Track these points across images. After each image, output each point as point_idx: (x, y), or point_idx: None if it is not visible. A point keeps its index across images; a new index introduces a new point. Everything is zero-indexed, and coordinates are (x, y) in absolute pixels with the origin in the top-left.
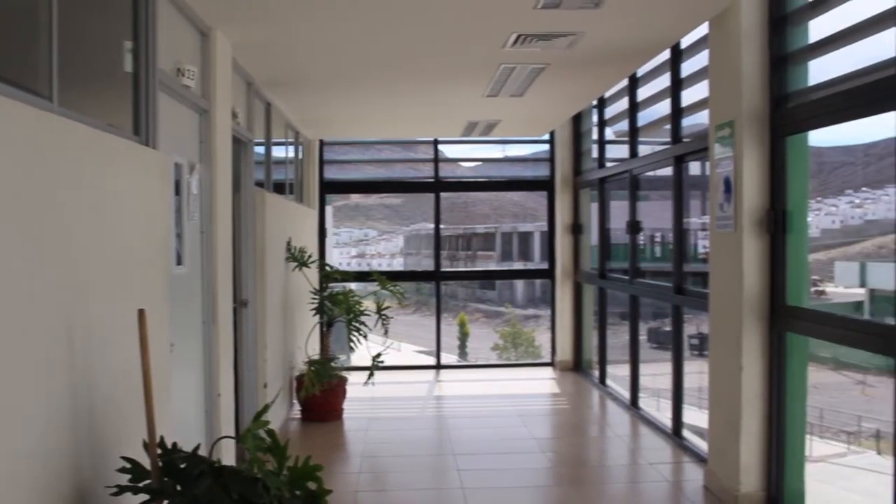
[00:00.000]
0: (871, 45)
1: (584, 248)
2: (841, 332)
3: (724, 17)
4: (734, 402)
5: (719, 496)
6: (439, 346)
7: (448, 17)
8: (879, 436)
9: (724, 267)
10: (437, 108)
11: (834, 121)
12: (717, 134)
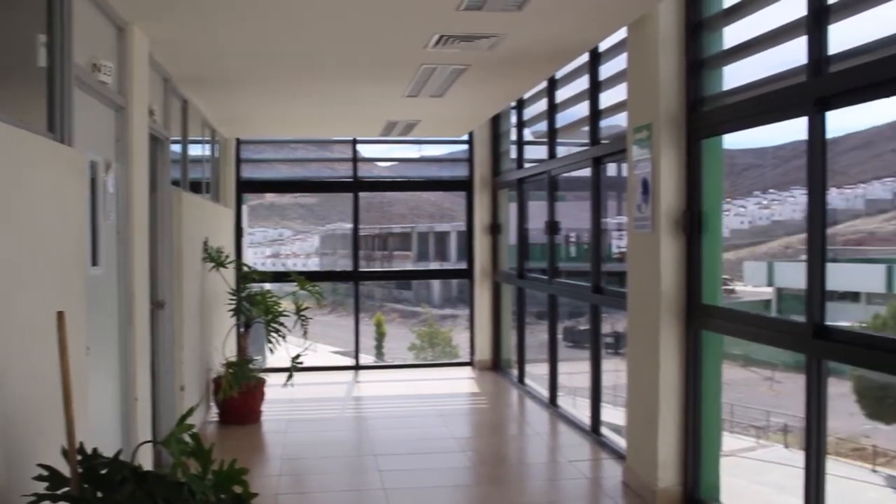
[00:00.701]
0: (783, 52)
1: (503, 248)
2: (754, 329)
3: (642, 22)
4: (652, 399)
5: (638, 492)
6: (358, 347)
7: (370, 18)
8: (787, 430)
9: (641, 266)
10: (356, 108)
11: (747, 125)
12: (634, 136)
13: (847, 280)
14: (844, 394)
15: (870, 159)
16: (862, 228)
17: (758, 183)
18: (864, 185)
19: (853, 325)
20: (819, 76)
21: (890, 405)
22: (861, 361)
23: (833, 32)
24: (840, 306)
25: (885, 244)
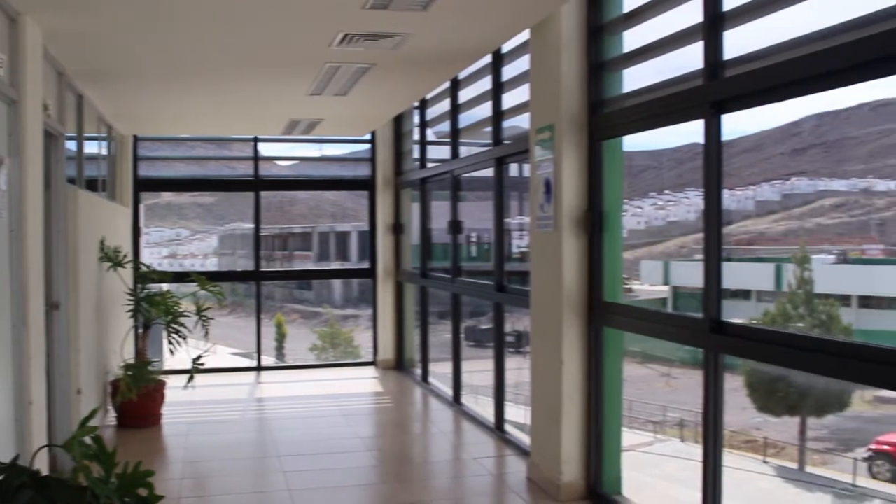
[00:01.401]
0: (681, 56)
1: (406, 247)
2: (654, 325)
3: (544, 25)
4: (555, 395)
5: (542, 486)
6: (260, 348)
7: (273, 15)
8: (683, 424)
9: (544, 265)
10: (258, 106)
11: (646, 127)
12: (537, 137)
13: (739, 278)
14: (737, 388)
15: (759, 162)
16: (752, 229)
17: (654, 184)
18: (754, 187)
19: (746, 321)
20: (715, 80)
21: (779, 399)
22: (754, 354)
23: (728, 38)
24: (733, 304)
25: (774, 244)
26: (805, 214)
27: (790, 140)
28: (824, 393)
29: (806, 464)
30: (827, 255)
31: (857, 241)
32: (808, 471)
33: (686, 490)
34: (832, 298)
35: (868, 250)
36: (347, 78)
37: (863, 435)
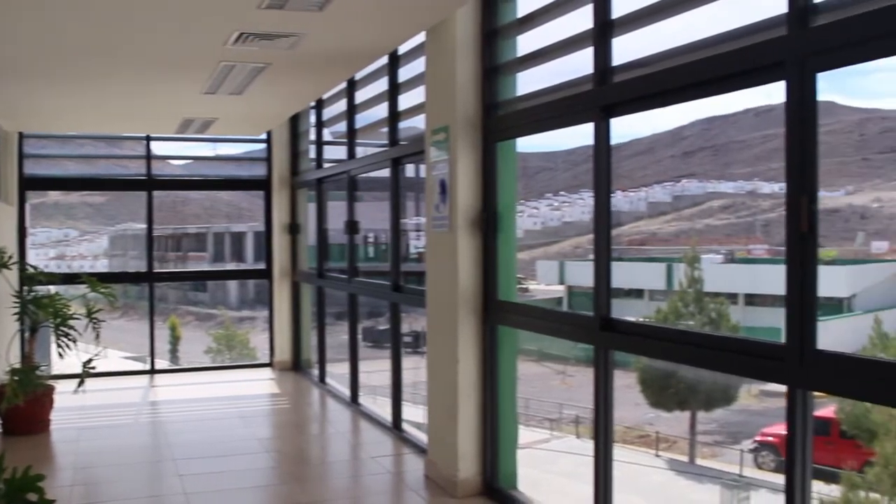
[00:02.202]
0: (573, 60)
1: (302, 247)
2: (547, 323)
3: (440, 28)
4: (451, 393)
5: (439, 483)
6: (153, 350)
7: (166, 11)
8: (578, 421)
9: (439, 265)
10: (150, 104)
11: (539, 129)
12: (432, 138)
13: (632, 278)
14: (630, 385)
15: (651, 164)
16: (645, 229)
17: (550, 186)
18: (646, 189)
19: (638, 319)
20: (604, 85)
21: (671, 394)
22: (641, 350)
23: (617, 45)
24: (627, 302)
25: (665, 244)
26: (695, 215)
27: (681, 143)
28: (712, 388)
29: (696, 457)
30: (715, 254)
31: (744, 242)
32: (698, 463)
33: (581, 485)
34: (721, 297)
35: (754, 250)
36: (243, 77)
37: (749, 427)
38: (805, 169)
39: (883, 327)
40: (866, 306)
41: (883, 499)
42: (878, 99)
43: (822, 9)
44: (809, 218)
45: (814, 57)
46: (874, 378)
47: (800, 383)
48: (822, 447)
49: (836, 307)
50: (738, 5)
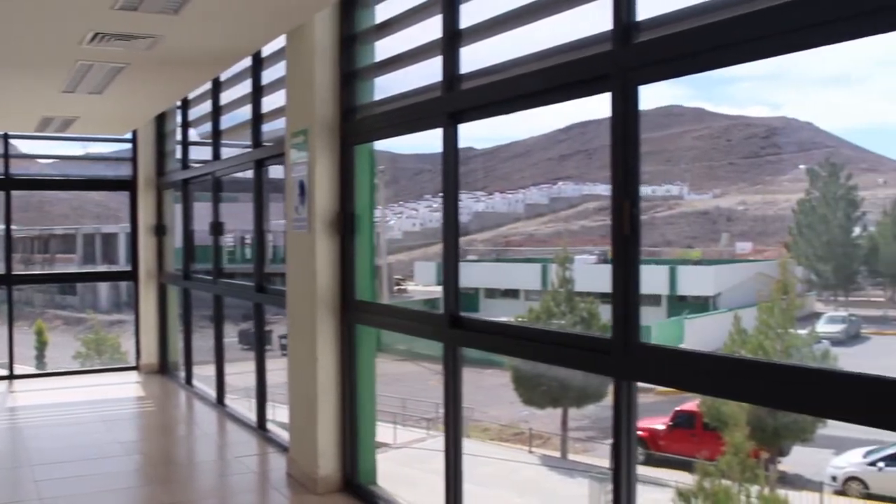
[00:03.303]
0: (428, 67)
1: (169, 249)
2: (401, 322)
3: (299, 32)
4: (311, 391)
5: (300, 481)
6: (12, 356)
7: (18, 11)
8: None
9: (299, 265)
10: (6, 101)
11: (394, 133)
12: (292, 140)
13: (509, 278)
14: (505, 384)
15: (529, 167)
16: (522, 231)
17: (428, 187)
18: (524, 191)
19: (512, 318)
20: (452, 92)
21: (543, 392)
22: (487, 346)
23: (465, 53)
24: (503, 302)
25: (542, 245)
26: (571, 217)
27: (557, 146)
28: (584, 385)
29: (568, 452)
30: (589, 255)
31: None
32: (570, 458)
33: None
34: (592, 296)
35: None
36: (102, 76)
37: None
38: (627, 176)
39: (742, 324)
40: (730, 304)
41: (733, 485)
42: (743, 106)
43: (644, 26)
44: (631, 222)
45: (636, 70)
46: (691, 369)
47: (624, 375)
48: (687, 440)
49: (702, 305)
50: (574, 19)
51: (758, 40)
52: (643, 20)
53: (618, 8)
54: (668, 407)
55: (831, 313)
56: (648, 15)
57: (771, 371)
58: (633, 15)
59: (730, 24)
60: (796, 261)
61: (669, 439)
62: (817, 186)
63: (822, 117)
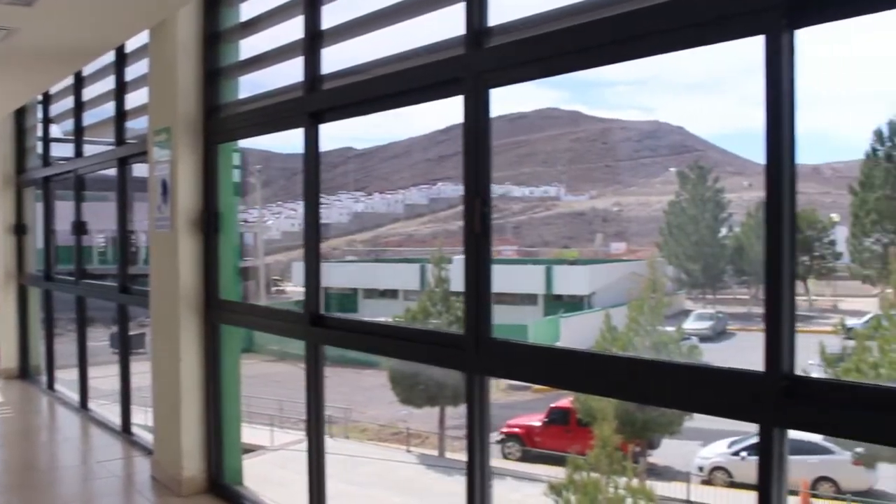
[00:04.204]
0: (293, 66)
1: (29, 249)
2: (265, 321)
3: (163, 28)
4: (174, 392)
5: (165, 483)
6: None
7: None
8: (331, 421)
9: (162, 265)
10: None
11: (257, 132)
12: (155, 138)
13: (388, 278)
14: (384, 384)
15: (408, 167)
16: (402, 231)
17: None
18: (403, 191)
19: (390, 319)
20: (313, 92)
21: (420, 391)
22: (349, 344)
23: (326, 54)
24: (382, 303)
25: (421, 245)
26: (450, 217)
27: (437, 147)
28: (460, 384)
29: (446, 450)
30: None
31: (496, 243)
32: (448, 456)
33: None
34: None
35: (504, 251)
36: None
37: (497, 420)
38: (479, 176)
39: (614, 322)
40: (605, 303)
41: (602, 477)
42: (618, 110)
43: (496, 31)
44: (482, 220)
45: (487, 74)
46: (536, 363)
47: (476, 370)
48: (562, 435)
49: (577, 304)
50: (433, 23)
51: (599, 47)
52: (494, 26)
53: (470, 13)
54: (544, 404)
55: (700, 311)
56: (499, 21)
57: (609, 363)
58: (485, 20)
59: (574, 32)
60: (667, 260)
61: (545, 435)
62: (687, 189)
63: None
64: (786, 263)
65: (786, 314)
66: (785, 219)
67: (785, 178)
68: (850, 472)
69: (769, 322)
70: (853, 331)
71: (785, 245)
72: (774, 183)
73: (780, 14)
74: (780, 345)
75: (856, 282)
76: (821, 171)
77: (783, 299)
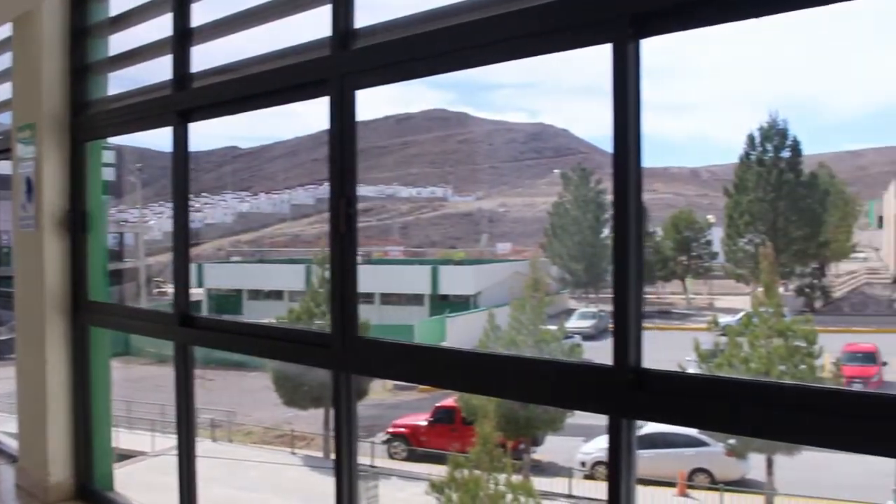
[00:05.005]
0: (164, 63)
1: None
2: (135, 322)
3: (26, 22)
4: (40, 396)
5: (30, 491)
6: None
7: None
8: (214, 424)
9: (27, 265)
10: None
11: (127, 130)
12: (19, 135)
13: (273, 279)
14: (269, 386)
15: (295, 167)
16: (288, 231)
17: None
18: (290, 191)
19: (272, 320)
20: (183, 90)
21: (304, 392)
22: (219, 344)
23: (196, 52)
24: (266, 304)
25: (308, 246)
26: None
27: (323, 147)
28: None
29: (331, 451)
30: None
31: (383, 243)
32: (333, 457)
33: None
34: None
35: (391, 251)
36: None
37: (384, 420)
38: (344, 176)
39: (498, 321)
40: (490, 302)
41: (483, 474)
42: (504, 112)
43: (362, 33)
44: (347, 220)
45: (352, 76)
46: (405, 360)
47: (342, 367)
48: (448, 434)
49: (464, 304)
50: (303, 23)
51: (460, 51)
52: (360, 28)
53: (336, 15)
54: (430, 403)
55: (583, 309)
56: (366, 23)
57: (469, 358)
58: (351, 23)
59: (437, 35)
60: (551, 260)
61: (431, 434)
62: (570, 190)
63: (576, 124)
64: (632, 262)
65: (632, 310)
66: (631, 220)
67: (631, 181)
68: (724, 462)
69: (617, 318)
70: (727, 327)
71: (631, 245)
72: (621, 185)
73: (625, 24)
74: (626, 340)
75: (730, 280)
76: (699, 173)
77: (629, 297)
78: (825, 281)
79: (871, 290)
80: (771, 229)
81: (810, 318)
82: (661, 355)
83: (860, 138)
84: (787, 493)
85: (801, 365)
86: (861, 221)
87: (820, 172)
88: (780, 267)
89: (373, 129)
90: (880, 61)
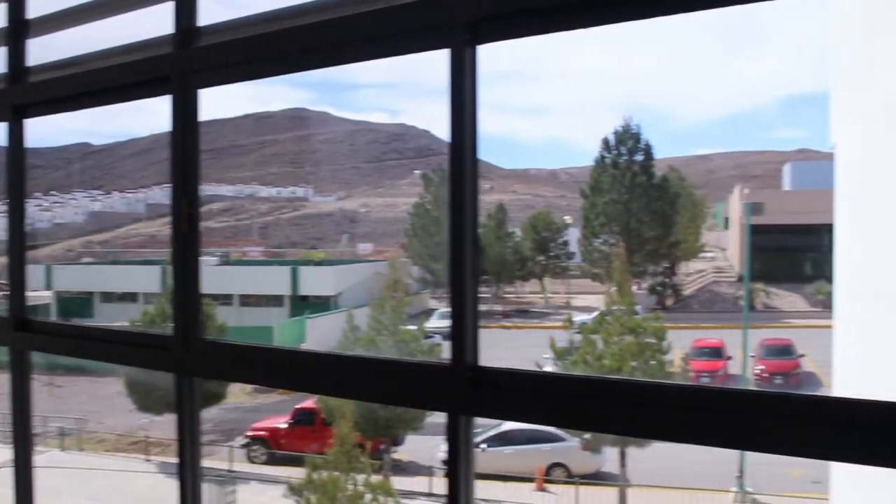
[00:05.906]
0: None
1: None
2: None
3: None
4: None
5: None
6: None
7: None
8: (64, 433)
9: None
10: None
11: None
12: None
13: (127, 281)
14: (123, 392)
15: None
16: (144, 232)
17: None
18: (145, 190)
19: (126, 324)
20: (17, 84)
21: (158, 397)
22: (58, 349)
23: (33, 45)
24: (121, 307)
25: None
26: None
27: None
28: (207, 386)
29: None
30: (211, 257)
31: (241, 244)
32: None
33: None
34: (209, 298)
35: (250, 252)
36: None
37: (243, 424)
38: (186, 176)
39: (358, 321)
40: (351, 303)
41: (341, 475)
42: (366, 112)
43: (205, 32)
44: (190, 220)
45: (196, 74)
46: (249, 362)
47: (185, 371)
48: (308, 436)
49: (324, 305)
50: (146, 19)
51: (302, 53)
52: (204, 26)
53: (179, 12)
54: (290, 405)
55: (443, 309)
56: (209, 22)
57: (313, 359)
58: (194, 20)
59: (280, 36)
60: (412, 260)
61: (291, 437)
62: (430, 191)
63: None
64: (468, 263)
65: (469, 309)
66: (467, 221)
67: (467, 183)
68: (580, 457)
69: (455, 317)
70: (583, 325)
71: (467, 245)
72: (457, 187)
73: (462, 30)
74: (464, 338)
75: (587, 280)
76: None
77: (466, 296)
78: (676, 279)
79: (718, 288)
80: (624, 230)
81: (660, 315)
82: (520, 353)
83: (708, 143)
84: (639, 484)
85: (652, 361)
86: (709, 223)
87: (671, 176)
88: (634, 266)
89: (231, 127)
90: (727, 72)
